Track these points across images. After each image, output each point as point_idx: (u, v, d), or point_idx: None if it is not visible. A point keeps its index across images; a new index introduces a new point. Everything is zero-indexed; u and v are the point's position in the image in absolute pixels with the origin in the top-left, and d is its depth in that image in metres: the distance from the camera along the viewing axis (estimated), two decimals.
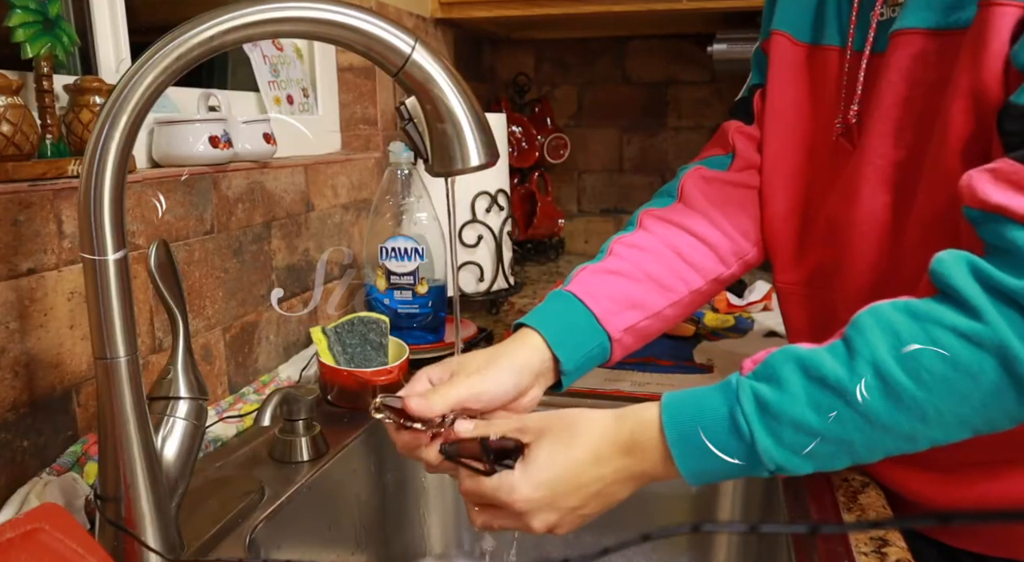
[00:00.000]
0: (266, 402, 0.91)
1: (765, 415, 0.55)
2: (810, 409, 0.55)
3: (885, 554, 0.65)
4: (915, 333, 0.53)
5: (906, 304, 0.55)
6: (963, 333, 0.52)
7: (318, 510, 0.83)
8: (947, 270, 0.54)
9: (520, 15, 1.58)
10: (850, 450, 0.56)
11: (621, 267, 0.78)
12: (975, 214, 0.56)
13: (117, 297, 0.57)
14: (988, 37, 0.59)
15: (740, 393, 0.56)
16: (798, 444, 0.55)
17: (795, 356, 0.56)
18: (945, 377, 0.53)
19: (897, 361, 0.53)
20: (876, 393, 0.53)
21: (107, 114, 0.54)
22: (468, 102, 0.59)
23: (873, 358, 0.54)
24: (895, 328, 0.54)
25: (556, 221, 1.95)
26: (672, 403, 0.59)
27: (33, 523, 0.51)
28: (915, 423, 0.54)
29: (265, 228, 1.05)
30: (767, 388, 0.56)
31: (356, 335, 1.01)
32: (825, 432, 0.55)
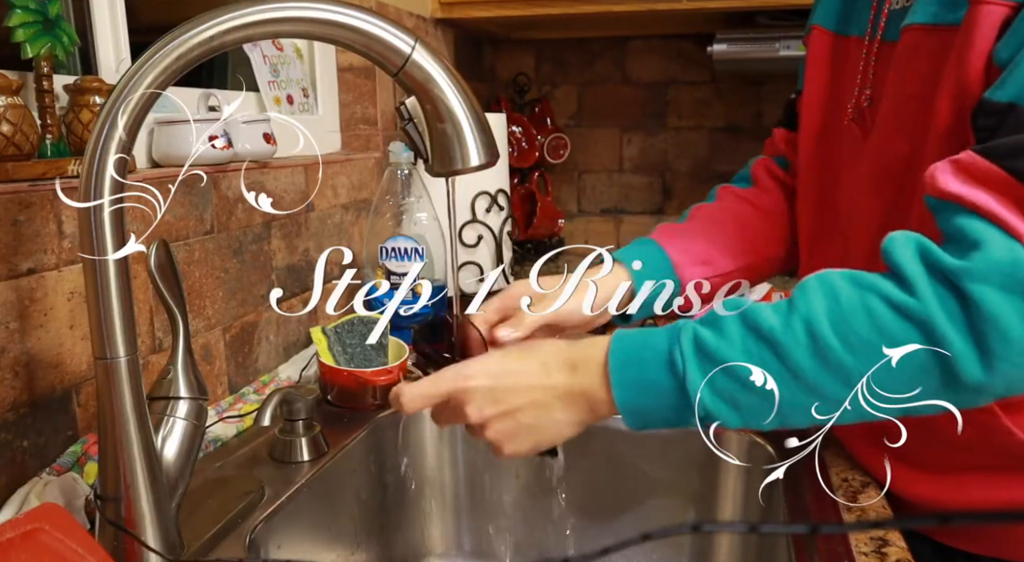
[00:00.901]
0: (266, 402, 0.91)
1: (700, 355, 0.57)
2: (743, 355, 0.56)
3: (885, 554, 0.65)
4: (852, 298, 0.55)
5: (853, 273, 0.57)
6: (895, 303, 0.54)
7: (318, 510, 0.83)
8: (894, 248, 0.56)
9: (520, 15, 1.58)
10: (776, 406, 0.57)
11: (702, 228, 0.87)
12: (933, 202, 0.58)
13: (117, 297, 0.57)
14: (974, 35, 0.60)
15: (682, 333, 0.59)
16: (727, 390, 0.57)
17: (738, 305, 0.59)
18: (871, 343, 0.54)
19: (830, 321, 0.55)
20: (804, 349, 0.55)
21: (107, 114, 0.54)
22: (468, 102, 0.59)
23: (808, 315, 0.55)
24: (836, 292, 0.56)
25: (556, 221, 1.95)
26: (621, 335, 0.62)
27: (33, 523, 0.51)
28: (840, 387, 0.55)
29: (265, 228, 1.05)
30: (707, 331, 0.58)
31: (356, 335, 1.01)
32: (750, 383, 0.56)
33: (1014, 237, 0.52)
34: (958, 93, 0.62)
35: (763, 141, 1.00)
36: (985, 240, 0.53)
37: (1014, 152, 0.54)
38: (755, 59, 1.63)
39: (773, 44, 1.59)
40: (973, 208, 0.54)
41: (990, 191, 0.54)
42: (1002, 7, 0.58)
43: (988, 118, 0.57)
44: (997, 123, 0.57)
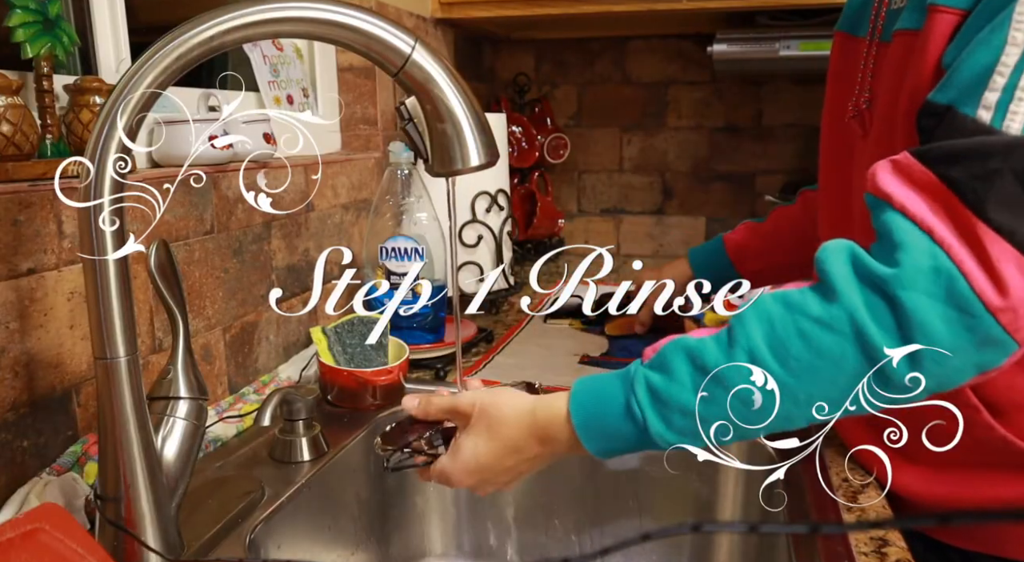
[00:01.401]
0: (266, 402, 0.91)
1: (656, 402, 0.60)
2: (694, 395, 0.59)
3: (885, 554, 0.65)
4: (785, 323, 0.57)
5: (784, 294, 0.59)
6: (821, 320, 0.56)
7: (318, 510, 0.83)
8: (826, 256, 0.58)
9: (520, 15, 1.58)
10: (734, 428, 0.59)
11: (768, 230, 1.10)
12: (870, 200, 0.59)
13: (117, 297, 0.58)
14: (929, 41, 0.62)
15: (635, 382, 0.61)
16: (687, 427, 0.59)
17: (684, 346, 0.61)
18: (811, 364, 0.56)
19: (769, 349, 0.57)
20: (750, 380, 0.57)
21: (107, 114, 0.54)
22: (468, 102, 0.59)
23: (748, 346, 0.57)
24: (770, 318, 0.58)
25: (556, 221, 1.95)
26: (578, 393, 0.65)
27: (33, 523, 0.51)
28: (788, 405, 0.57)
29: (265, 228, 1.05)
30: (658, 376, 0.60)
31: (356, 335, 1.01)
32: (708, 416, 0.59)
33: (937, 244, 0.54)
34: (912, 98, 0.64)
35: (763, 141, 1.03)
36: (908, 244, 0.54)
37: (947, 158, 0.55)
38: (755, 59, 1.63)
39: (773, 44, 1.59)
40: (901, 209, 0.56)
41: (922, 195, 0.55)
42: (953, 15, 0.61)
43: (929, 119, 0.59)
44: (936, 124, 0.58)
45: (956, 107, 0.57)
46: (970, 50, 0.58)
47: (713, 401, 0.58)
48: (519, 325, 1.33)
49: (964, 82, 0.57)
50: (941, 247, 0.53)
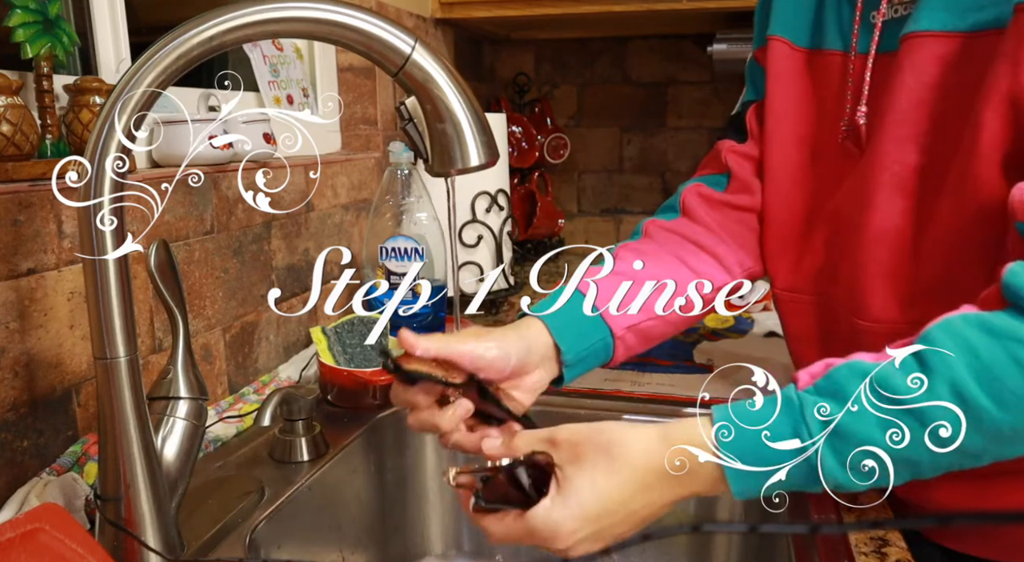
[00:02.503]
0: (266, 402, 0.91)
1: (832, 436, 0.52)
2: (879, 431, 0.51)
3: (885, 554, 0.65)
4: (994, 351, 0.50)
5: (979, 319, 0.52)
6: None
7: (318, 510, 0.83)
8: (1022, 283, 0.52)
9: (520, 15, 1.58)
10: (915, 468, 0.53)
11: (625, 269, 0.77)
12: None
13: (117, 297, 0.57)
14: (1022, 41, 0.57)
15: (804, 411, 0.53)
16: (862, 464, 0.52)
17: (862, 371, 0.53)
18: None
19: (978, 382, 0.50)
20: (953, 416, 0.50)
21: (107, 114, 0.54)
22: (468, 102, 0.59)
23: (951, 378, 0.50)
24: (971, 345, 0.51)
25: (556, 221, 1.95)
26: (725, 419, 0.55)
27: (33, 523, 0.51)
28: (988, 443, 0.52)
29: (265, 228, 1.05)
30: (834, 405, 0.52)
31: (356, 335, 1.01)
32: (893, 453, 0.52)
33: None
34: (1014, 103, 0.59)
35: None
36: None
37: None
38: None
39: None
40: None
41: None
42: None
43: None
44: None
45: None
46: None
47: (902, 437, 0.51)
48: None
49: None
50: None
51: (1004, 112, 0.60)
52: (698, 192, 0.86)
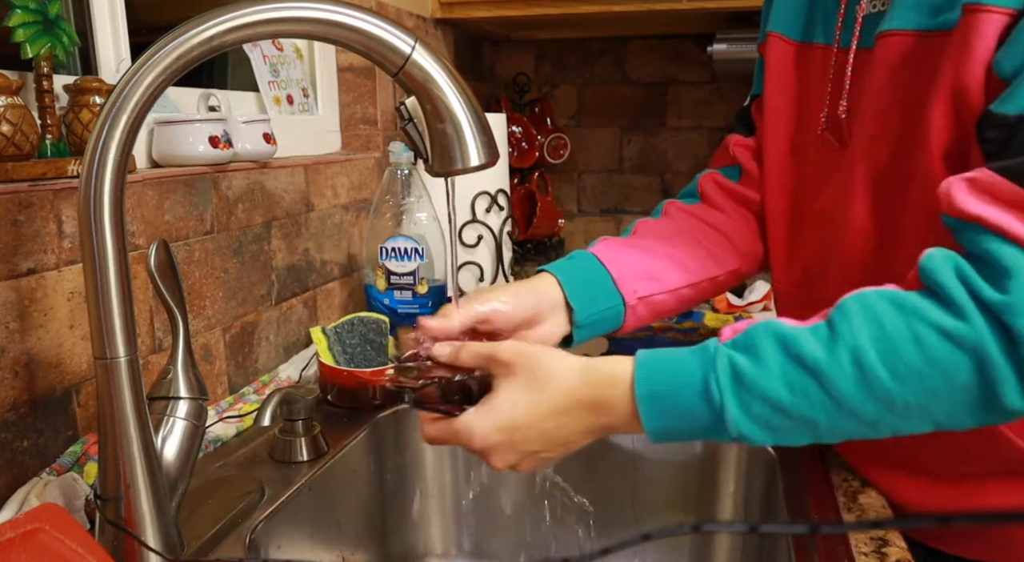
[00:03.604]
0: (266, 402, 0.91)
1: (738, 385, 0.56)
2: (783, 385, 0.55)
3: (885, 554, 0.65)
4: (897, 324, 0.54)
5: (893, 295, 0.56)
6: (945, 331, 0.53)
7: (318, 510, 0.83)
8: (936, 267, 0.55)
9: (520, 15, 1.58)
10: (813, 429, 0.56)
11: (643, 243, 0.81)
12: (953, 222, 0.56)
13: (117, 297, 0.58)
14: (972, 41, 0.58)
15: (717, 360, 0.57)
16: (764, 416, 0.56)
17: (776, 331, 0.56)
18: (920, 371, 0.53)
19: (877, 351, 0.53)
20: (850, 380, 0.54)
21: (107, 114, 0.54)
22: (468, 102, 0.59)
23: (853, 344, 0.54)
24: (879, 317, 0.54)
25: (556, 221, 1.95)
26: (647, 363, 0.59)
27: (33, 523, 0.51)
28: (881, 411, 0.55)
29: (265, 228, 1.05)
30: (744, 359, 0.56)
31: (356, 335, 1.01)
32: (793, 409, 0.55)
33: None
34: (956, 100, 0.60)
35: None
36: (1016, 268, 0.52)
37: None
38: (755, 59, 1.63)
39: None
40: (999, 232, 0.53)
41: (1015, 214, 0.53)
42: (1001, 14, 0.57)
43: (996, 131, 0.56)
44: (1007, 136, 0.55)
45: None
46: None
47: (803, 395, 0.54)
48: None
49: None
50: None
51: (947, 110, 0.61)
52: (715, 180, 0.89)
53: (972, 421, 0.55)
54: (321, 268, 1.20)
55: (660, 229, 0.84)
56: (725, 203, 0.87)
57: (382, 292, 1.13)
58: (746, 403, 0.55)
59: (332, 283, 1.23)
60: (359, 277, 1.30)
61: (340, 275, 1.26)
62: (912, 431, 0.56)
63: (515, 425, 0.60)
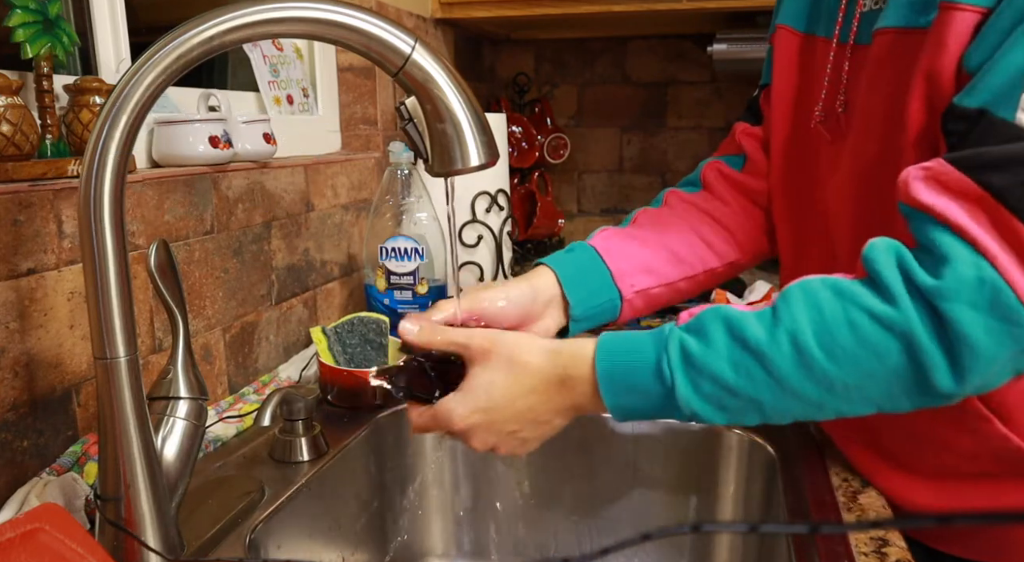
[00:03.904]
0: (266, 402, 0.91)
1: (687, 365, 0.59)
2: (729, 366, 0.58)
3: (885, 554, 0.65)
4: (835, 310, 0.56)
5: (834, 282, 0.58)
6: (876, 315, 0.55)
7: (318, 510, 0.83)
8: (875, 256, 0.57)
9: (520, 15, 1.58)
10: (760, 409, 0.59)
11: (642, 235, 0.83)
12: (906, 210, 0.58)
13: (117, 297, 0.57)
14: (946, 37, 0.60)
15: (669, 342, 0.60)
16: (714, 396, 0.58)
17: (724, 315, 0.59)
18: (854, 354, 0.55)
19: (814, 334, 0.56)
20: (789, 361, 0.57)
21: (107, 114, 0.54)
22: (468, 102, 0.59)
23: (793, 328, 0.57)
24: (818, 303, 0.57)
25: (556, 221, 1.95)
26: (606, 344, 0.62)
27: (33, 523, 0.51)
28: (822, 393, 0.57)
29: (265, 228, 1.05)
30: (694, 341, 0.59)
31: (356, 335, 1.01)
32: (739, 389, 0.58)
33: (981, 254, 0.53)
34: (930, 97, 0.62)
35: None
36: (953, 256, 0.54)
37: (987, 165, 0.54)
38: (755, 59, 1.63)
39: None
40: (944, 221, 0.55)
41: (962, 204, 0.54)
42: (973, 12, 0.58)
43: (957, 123, 0.58)
44: (967, 128, 0.57)
45: (991, 111, 0.55)
46: (1003, 51, 0.55)
47: (746, 375, 0.57)
48: None
49: (998, 85, 0.55)
50: (985, 257, 0.53)
51: (921, 106, 0.62)
52: (718, 169, 0.90)
53: (910, 404, 0.57)
54: (321, 268, 1.20)
55: (660, 219, 0.86)
56: (727, 192, 0.88)
57: (382, 292, 1.13)
58: (695, 382, 0.58)
59: (332, 283, 1.23)
60: (359, 277, 1.30)
61: (340, 275, 1.26)
62: (855, 413, 0.59)
63: (492, 405, 0.63)
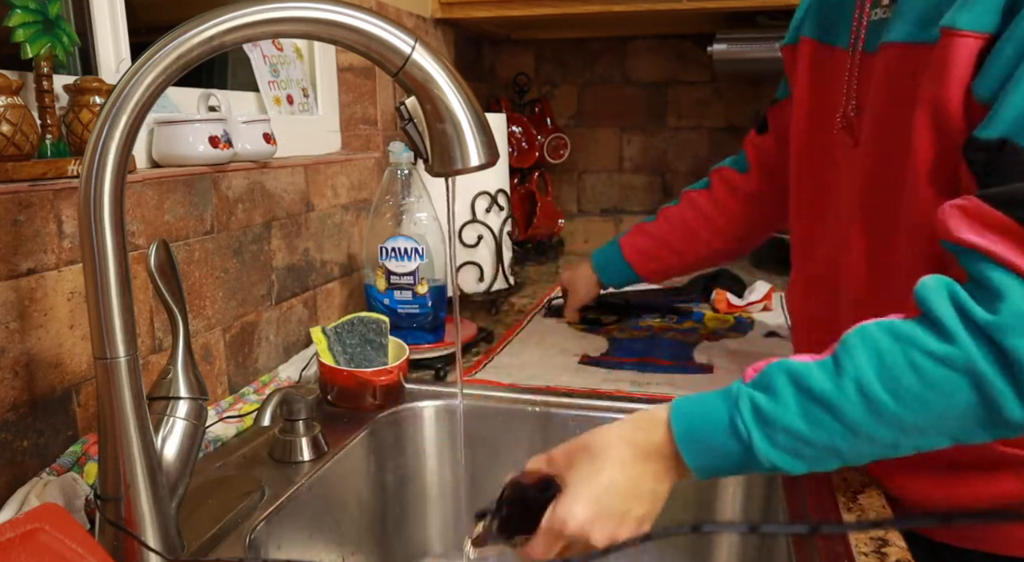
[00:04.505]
0: (266, 402, 0.91)
1: (760, 421, 0.60)
2: (800, 418, 0.59)
3: (885, 554, 0.65)
4: (895, 354, 0.57)
5: (890, 325, 0.59)
6: (938, 356, 0.56)
7: (318, 510, 0.83)
8: (928, 295, 0.58)
9: (520, 15, 1.58)
10: (837, 454, 0.60)
11: (657, 231, 1.18)
12: (951, 247, 0.60)
13: (117, 297, 0.57)
14: (949, 64, 0.62)
15: (739, 401, 0.61)
16: (790, 447, 0.60)
17: (788, 369, 0.61)
18: (921, 396, 0.57)
19: (879, 380, 0.57)
20: (859, 408, 0.58)
21: (107, 114, 0.54)
22: (468, 102, 0.59)
23: (857, 376, 0.58)
24: (878, 348, 0.58)
25: (556, 221, 1.95)
26: (680, 407, 0.64)
27: (33, 523, 0.51)
28: (896, 434, 0.59)
29: (265, 228, 1.05)
30: (763, 397, 0.60)
31: (356, 335, 1.01)
32: (814, 439, 0.59)
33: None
34: (936, 118, 0.64)
35: None
36: (1007, 291, 0.55)
37: (1019, 201, 0.56)
38: (755, 59, 1.63)
39: (773, 44, 1.59)
40: (991, 256, 0.56)
41: (1004, 240, 0.56)
42: (976, 39, 0.60)
43: (979, 153, 0.59)
44: (991, 159, 0.58)
45: (1013, 140, 0.57)
46: (1016, 81, 0.57)
47: (818, 425, 0.59)
48: (519, 325, 1.33)
49: (1016, 115, 0.57)
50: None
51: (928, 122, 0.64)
52: (723, 172, 1.13)
53: (987, 435, 0.58)
54: (321, 268, 1.20)
55: (671, 215, 1.17)
56: (726, 192, 1.11)
57: (382, 292, 1.13)
58: (770, 437, 0.60)
59: (332, 283, 1.23)
60: (359, 277, 1.30)
61: (340, 275, 1.26)
62: (933, 447, 0.59)
63: (596, 493, 0.62)
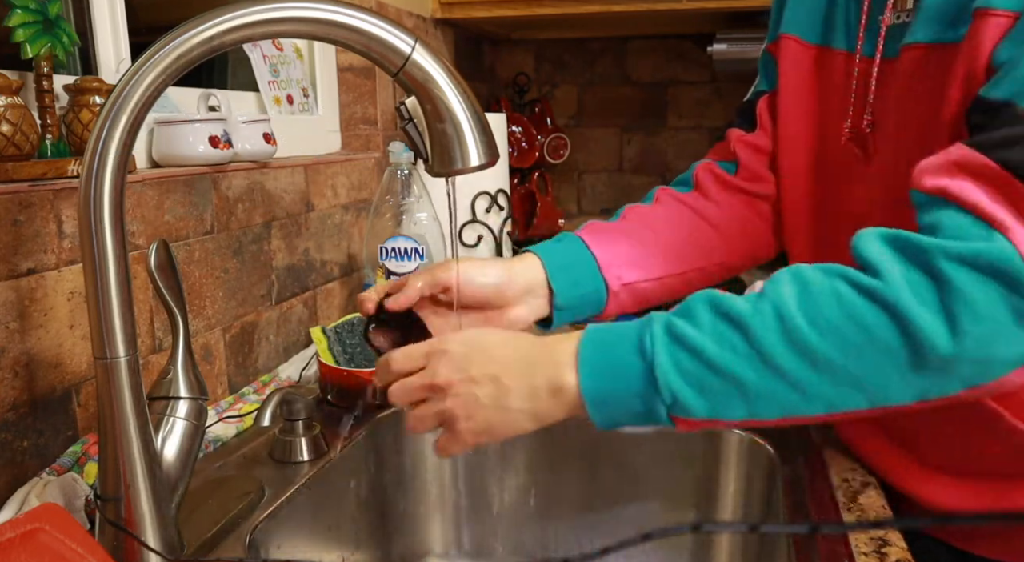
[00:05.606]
0: (266, 402, 0.91)
1: (670, 337, 0.57)
2: (711, 338, 0.56)
3: (885, 554, 0.65)
4: (821, 284, 0.55)
5: (823, 265, 0.58)
6: (864, 288, 0.54)
7: (318, 510, 0.83)
8: (861, 241, 0.56)
9: (520, 15, 1.58)
10: (742, 391, 0.56)
11: (631, 229, 0.82)
12: (917, 198, 0.57)
13: (117, 297, 0.57)
14: (980, 44, 0.59)
15: (654, 320, 0.59)
16: (693, 373, 0.56)
17: (711, 296, 0.59)
18: (840, 327, 0.54)
19: (798, 305, 0.55)
20: (773, 332, 0.55)
21: (107, 114, 0.54)
22: (468, 102, 0.59)
23: (776, 300, 0.56)
24: (805, 279, 0.57)
25: (556, 221, 1.95)
26: (595, 325, 0.62)
27: (33, 523, 0.51)
28: (806, 369, 0.55)
29: (265, 228, 1.05)
30: (679, 320, 0.58)
31: (356, 335, 1.01)
32: (720, 363, 0.56)
33: (996, 228, 0.52)
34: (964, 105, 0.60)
35: None
36: (959, 231, 0.53)
37: (1005, 143, 0.53)
38: (755, 59, 1.62)
39: None
40: (955, 201, 0.54)
41: (978, 183, 0.53)
42: (1006, 17, 0.58)
43: (981, 115, 0.57)
44: (990, 120, 0.56)
45: (1016, 103, 0.55)
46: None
47: (727, 345, 0.55)
48: None
49: None
50: (1000, 231, 0.52)
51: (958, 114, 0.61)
52: (711, 170, 0.88)
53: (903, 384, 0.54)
54: (321, 268, 1.20)
55: (649, 215, 0.84)
56: (719, 194, 0.86)
57: None
58: (675, 357, 0.56)
59: (332, 283, 1.23)
60: (359, 277, 1.30)
61: (340, 275, 1.26)
62: (846, 404, 0.56)
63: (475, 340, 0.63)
